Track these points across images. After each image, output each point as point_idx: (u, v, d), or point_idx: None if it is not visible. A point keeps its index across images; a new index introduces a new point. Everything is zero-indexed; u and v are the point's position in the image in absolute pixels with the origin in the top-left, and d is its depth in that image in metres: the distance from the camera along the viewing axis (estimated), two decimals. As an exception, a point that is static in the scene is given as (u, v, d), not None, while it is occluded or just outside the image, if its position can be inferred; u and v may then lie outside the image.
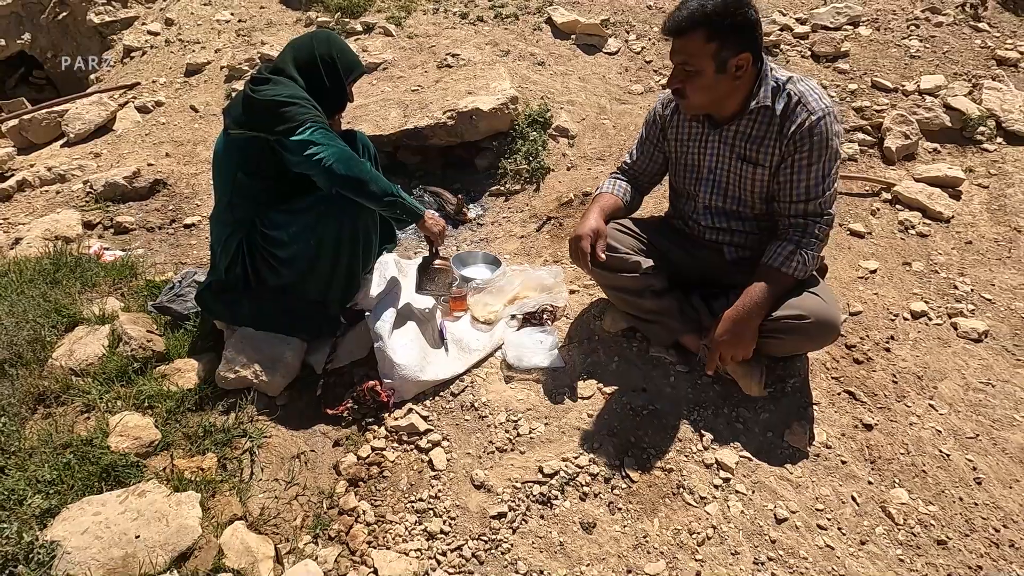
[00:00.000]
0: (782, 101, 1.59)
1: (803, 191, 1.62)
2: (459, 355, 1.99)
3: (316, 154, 1.70)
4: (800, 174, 1.60)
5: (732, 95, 1.60)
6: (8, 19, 4.62)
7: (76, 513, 1.47)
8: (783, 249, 1.63)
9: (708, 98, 1.59)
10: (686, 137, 1.79)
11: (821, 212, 1.63)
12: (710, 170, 1.76)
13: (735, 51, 1.51)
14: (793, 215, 1.65)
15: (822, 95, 1.60)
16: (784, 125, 1.59)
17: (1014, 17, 3.90)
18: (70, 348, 1.96)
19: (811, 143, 1.57)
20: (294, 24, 4.37)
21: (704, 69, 1.52)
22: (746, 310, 1.61)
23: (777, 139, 1.60)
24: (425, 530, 1.51)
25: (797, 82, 1.60)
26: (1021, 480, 1.59)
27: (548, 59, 3.72)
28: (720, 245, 1.83)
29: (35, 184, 3.21)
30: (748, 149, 1.65)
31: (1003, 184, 2.70)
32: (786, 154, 1.60)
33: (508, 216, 2.85)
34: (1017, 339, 1.99)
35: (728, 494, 1.57)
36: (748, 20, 1.50)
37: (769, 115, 1.60)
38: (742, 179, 1.70)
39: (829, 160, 1.59)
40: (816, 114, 1.56)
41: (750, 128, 1.64)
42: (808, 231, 1.63)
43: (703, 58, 1.51)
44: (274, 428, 1.79)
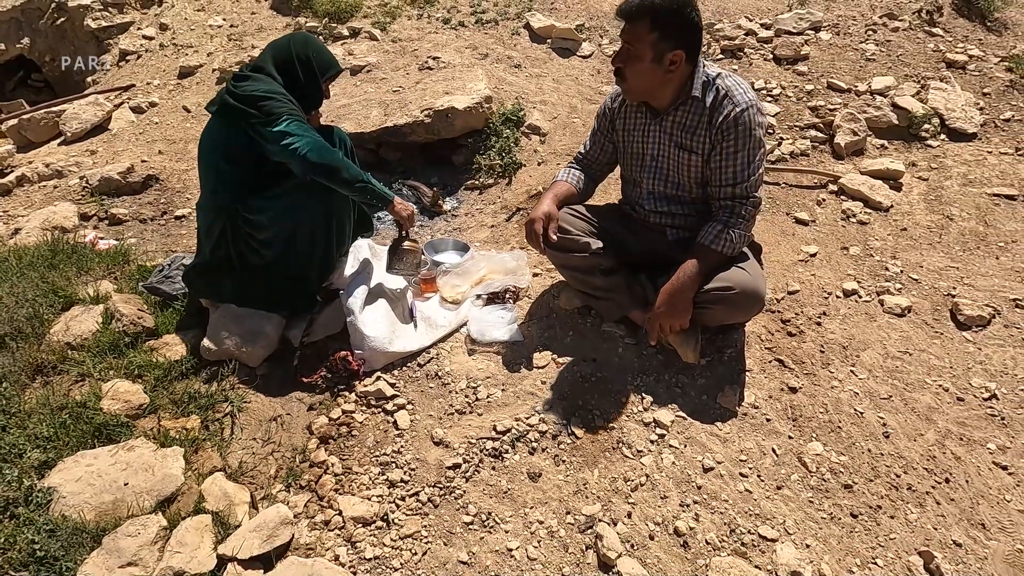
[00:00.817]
0: (711, 94, 1.77)
1: (731, 176, 1.79)
2: (427, 330, 2.15)
3: (292, 144, 1.86)
4: (727, 160, 1.78)
5: (665, 86, 1.77)
6: (8, 24, 4.79)
7: (71, 465, 1.63)
8: (713, 229, 1.81)
9: (642, 84, 1.77)
10: (632, 127, 1.97)
11: (747, 195, 1.81)
12: (652, 157, 1.93)
13: (672, 46, 1.68)
14: (722, 198, 1.83)
15: (747, 89, 1.78)
16: (713, 116, 1.76)
17: (968, 22, 4.11)
18: (66, 325, 2.12)
19: (736, 132, 1.74)
20: (283, 28, 4.55)
21: (643, 55, 1.70)
22: (680, 284, 1.78)
23: (707, 129, 1.78)
24: (387, 480, 1.67)
25: (725, 78, 1.79)
26: (925, 434, 1.77)
27: (524, 62, 3.91)
28: (663, 228, 2.01)
29: (33, 179, 3.37)
30: (683, 137, 1.83)
31: (942, 177, 2.89)
32: (715, 142, 1.78)
33: (481, 208, 3.03)
34: (937, 314, 2.17)
35: (662, 448, 1.74)
36: (690, 21, 1.69)
37: (700, 107, 1.78)
38: (679, 165, 1.88)
39: (753, 148, 1.77)
40: (740, 106, 1.74)
41: (684, 118, 1.82)
42: (736, 212, 1.81)
43: (644, 45, 1.69)
44: (253, 395, 1.95)
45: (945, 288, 2.27)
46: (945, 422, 1.80)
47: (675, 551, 1.50)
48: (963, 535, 1.53)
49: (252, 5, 4.85)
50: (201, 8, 4.86)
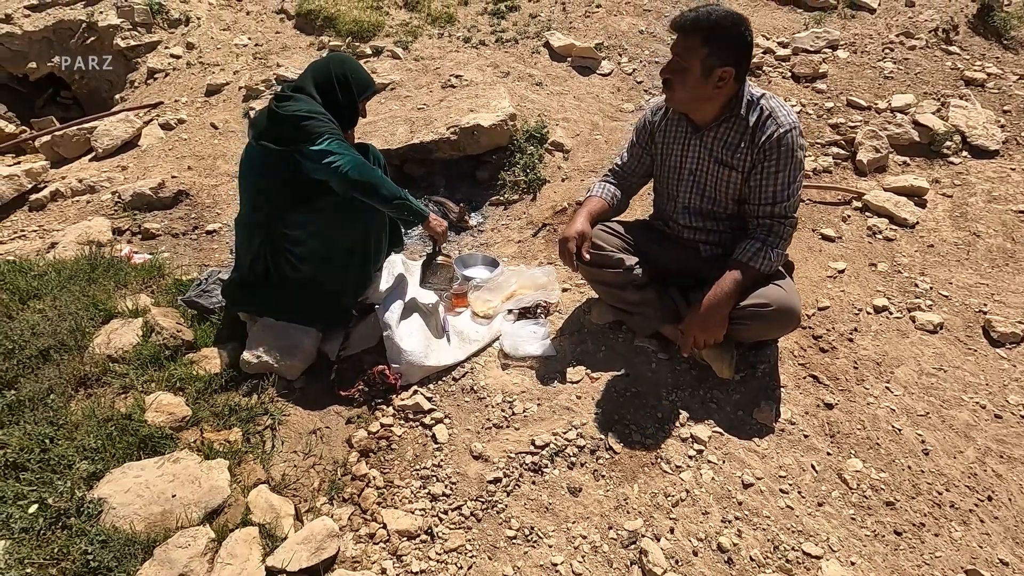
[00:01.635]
0: (755, 114, 1.80)
1: (770, 195, 1.82)
2: (460, 345, 2.18)
3: (334, 162, 1.91)
4: (768, 180, 1.81)
5: (710, 101, 1.80)
6: (40, 43, 4.92)
7: (119, 476, 1.66)
8: (751, 246, 1.83)
9: (688, 96, 1.79)
10: (672, 140, 1.99)
11: (785, 215, 1.83)
12: (690, 171, 1.96)
13: (722, 62, 1.71)
14: (761, 216, 1.85)
15: (789, 111, 1.81)
16: (756, 135, 1.79)
17: (984, 41, 4.15)
18: (107, 338, 2.16)
19: (779, 152, 1.77)
20: (307, 48, 4.65)
21: (692, 68, 1.73)
22: (717, 299, 1.80)
23: (749, 147, 1.81)
24: (429, 493, 1.69)
25: (769, 99, 1.82)
26: (964, 451, 1.77)
27: (545, 80, 3.97)
28: (696, 243, 2.04)
29: (67, 195, 3.44)
30: (724, 153, 1.86)
31: (966, 193, 2.91)
32: (756, 161, 1.81)
33: (507, 223, 3.06)
34: (969, 331, 2.18)
35: (701, 463, 1.75)
36: (742, 40, 1.73)
37: (743, 125, 1.81)
38: (718, 180, 1.90)
39: (794, 169, 1.80)
40: (784, 127, 1.77)
41: (726, 135, 1.85)
42: (774, 231, 1.83)
43: (694, 58, 1.72)
44: (292, 408, 1.98)
45: (976, 305, 2.28)
46: (984, 439, 1.80)
47: (719, 567, 1.50)
48: (1009, 553, 1.53)
49: (276, 24, 4.96)
50: (226, 28, 4.97)
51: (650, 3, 4.68)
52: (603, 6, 4.69)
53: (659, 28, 4.44)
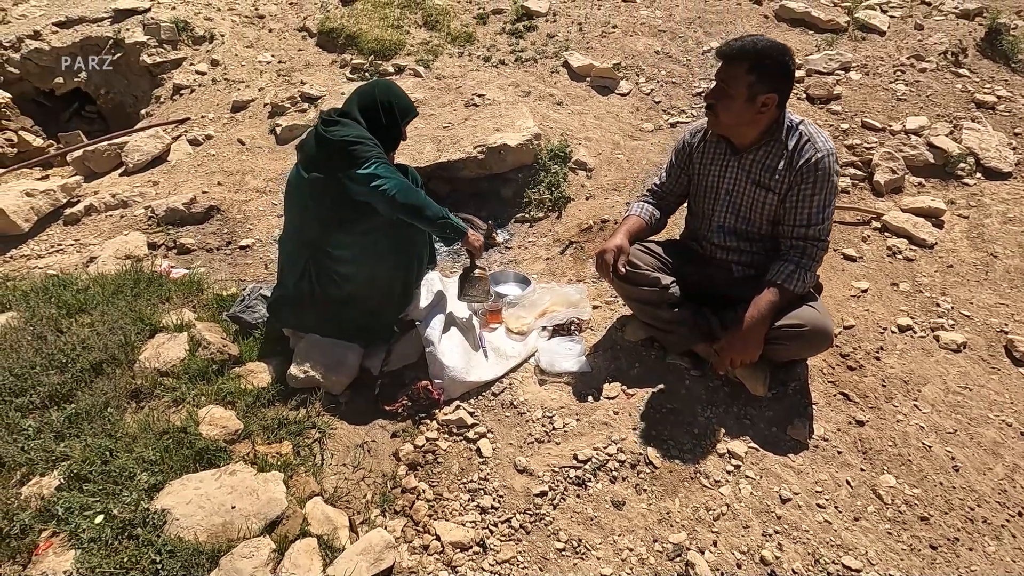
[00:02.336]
0: (794, 138, 1.88)
1: (805, 218, 1.89)
2: (498, 361, 2.24)
3: (381, 185, 1.99)
4: (804, 203, 1.88)
5: (752, 125, 1.88)
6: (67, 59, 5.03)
7: (179, 488, 1.72)
8: (785, 268, 1.90)
9: (732, 120, 1.87)
10: (710, 161, 2.07)
11: (819, 237, 1.90)
12: (727, 192, 2.03)
13: (766, 89, 1.79)
14: (795, 238, 1.92)
15: (827, 138, 1.89)
16: (794, 159, 1.87)
17: (992, 64, 4.26)
18: (156, 351, 2.23)
19: (815, 176, 1.84)
20: (330, 65, 4.76)
21: (738, 94, 1.81)
22: (753, 320, 1.87)
23: (787, 170, 1.88)
24: (478, 506, 1.75)
25: (808, 125, 1.90)
26: (994, 468, 1.83)
27: (566, 99, 4.07)
28: (728, 263, 2.11)
29: (100, 209, 3.52)
30: (762, 175, 1.93)
31: (981, 215, 2.99)
32: (793, 184, 1.88)
33: (533, 240, 3.14)
34: (992, 350, 2.25)
35: (739, 478, 1.81)
36: (786, 68, 1.81)
37: (782, 149, 1.89)
38: (754, 201, 1.98)
39: (829, 193, 1.87)
40: (821, 152, 1.84)
41: (765, 158, 1.92)
42: (807, 253, 1.90)
43: (739, 85, 1.80)
44: (338, 422, 2.04)
45: (997, 325, 2.35)
46: (1012, 456, 1.86)
47: (763, 580, 1.56)
48: (1041, 568, 1.58)
49: (299, 42, 5.07)
50: (250, 45, 5.09)
51: (665, 24, 4.80)
52: (619, 27, 4.80)
53: (674, 49, 4.55)
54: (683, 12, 4.95)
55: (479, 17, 5.09)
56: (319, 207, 2.13)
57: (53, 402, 1.98)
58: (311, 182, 2.11)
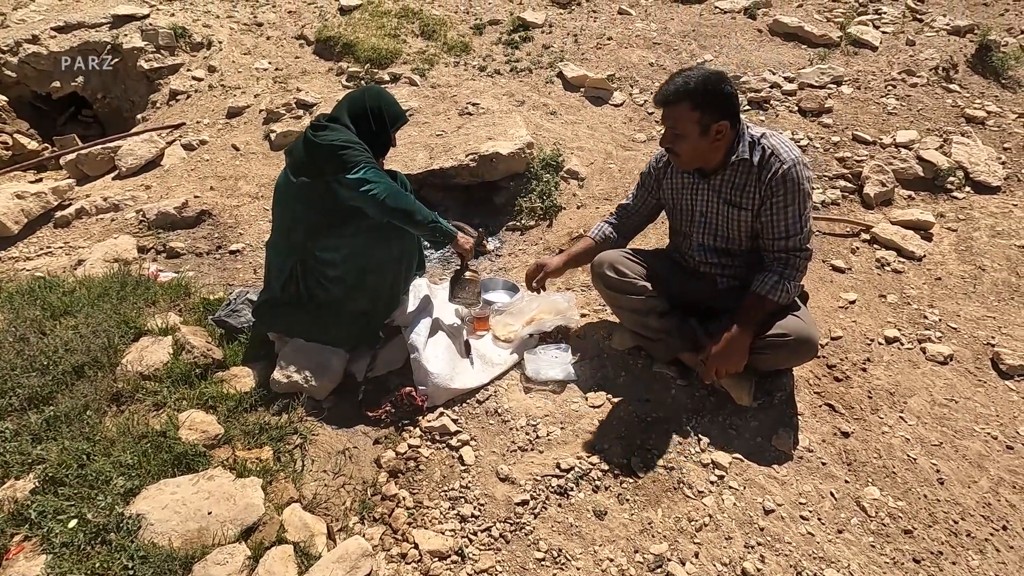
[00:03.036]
0: (758, 154, 1.87)
1: (783, 229, 1.89)
2: (483, 368, 2.23)
3: (370, 190, 1.99)
4: (779, 215, 1.88)
5: (714, 152, 1.89)
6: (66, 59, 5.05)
7: (155, 492, 1.70)
8: (769, 279, 1.90)
9: (694, 156, 1.89)
10: (680, 187, 2.08)
11: (800, 247, 1.90)
12: (702, 214, 2.04)
13: (715, 118, 1.81)
14: (776, 251, 1.92)
15: (791, 147, 1.89)
16: (762, 174, 1.87)
17: (982, 79, 4.30)
18: (139, 355, 2.21)
19: (785, 188, 1.84)
20: (326, 73, 4.78)
21: (690, 133, 1.83)
22: (737, 331, 1.87)
23: (756, 186, 1.88)
24: (458, 514, 1.73)
25: (769, 137, 1.90)
26: (978, 481, 1.82)
27: (559, 109, 4.09)
28: (713, 276, 2.11)
29: (91, 212, 3.51)
30: (733, 195, 1.94)
31: (970, 228, 3.00)
32: (765, 198, 1.88)
33: (524, 248, 3.14)
34: (979, 363, 2.24)
35: (722, 489, 1.79)
36: (725, 94, 1.81)
37: (748, 165, 1.89)
38: (729, 221, 1.98)
39: (802, 202, 1.87)
40: (787, 163, 1.84)
41: (733, 177, 1.92)
42: (790, 263, 1.90)
43: (689, 124, 1.82)
44: (321, 427, 2.02)
45: (984, 337, 2.35)
46: (997, 470, 1.85)
47: (744, 592, 1.54)
48: (1025, 583, 1.57)
49: (296, 50, 5.10)
50: (247, 52, 5.11)
51: (660, 37, 4.84)
52: (614, 39, 4.85)
53: (669, 61, 4.59)
54: (678, 25, 5.00)
55: (476, 28, 5.13)
56: (307, 211, 2.12)
57: (32, 405, 1.96)
58: (299, 186, 2.11)
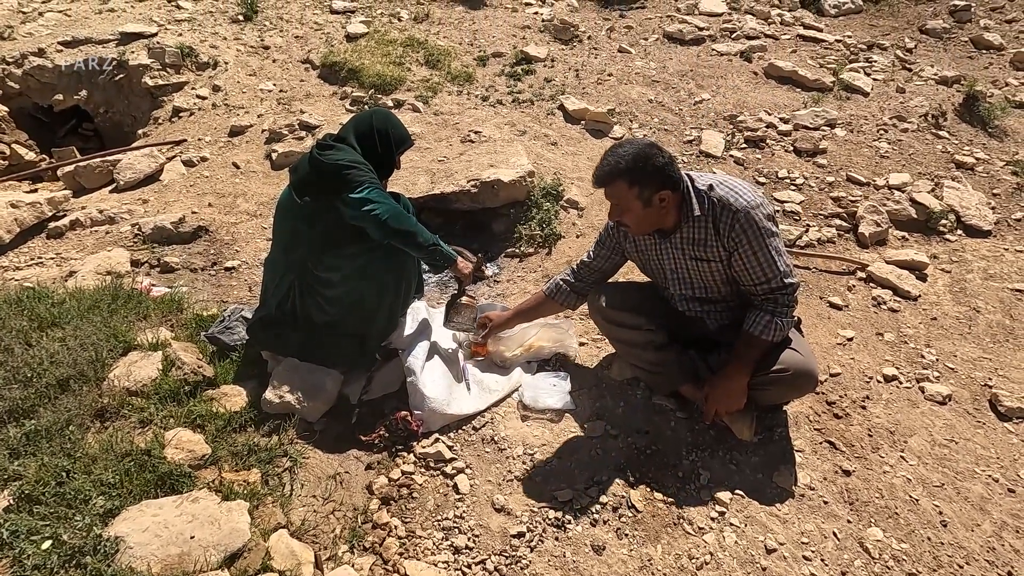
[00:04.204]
0: (708, 206, 1.82)
1: (760, 275, 1.82)
2: (480, 394, 2.19)
3: (373, 210, 1.98)
4: (751, 263, 1.81)
5: (665, 217, 1.85)
6: (69, 77, 5.06)
7: (136, 514, 1.62)
8: (761, 319, 1.83)
9: (645, 225, 1.86)
10: (644, 248, 2.03)
11: (783, 287, 1.82)
12: (672, 271, 1.99)
13: (655, 189, 1.78)
14: (761, 295, 1.85)
15: (743, 191, 1.80)
16: (718, 227, 1.81)
17: (970, 127, 4.44)
18: (127, 370, 2.15)
19: (746, 236, 1.78)
20: (331, 96, 4.84)
21: (633, 208, 1.80)
22: (734, 371, 1.85)
23: (716, 238, 1.83)
24: (452, 545, 1.67)
25: (718, 186, 1.82)
26: (982, 525, 1.79)
27: (560, 140, 4.15)
28: (701, 319, 2.07)
29: (86, 224, 3.48)
30: (696, 251, 1.89)
31: (963, 270, 3.04)
32: (730, 249, 1.82)
33: (522, 275, 3.13)
34: (977, 403, 2.24)
35: (723, 526, 1.75)
36: (658, 167, 1.77)
37: (704, 220, 1.83)
38: (700, 274, 1.94)
39: (768, 242, 1.79)
40: (740, 211, 1.77)
41: (691, 233, 1.87)
42: (779, 303, 1.83)
43: (630, 200, 1.79)
44: (312, 451, 1.96)
45: (981, 378, 2.35)
46: (999, 513, 1.83)
47: (747, 635, 1.48)
48: (1032, 632, 1.53)
49: (301, 73, 5.16)
50: (253, 73, 5.17)
51: (659, 75, 4.97)
52: (614, 75, 4.96)
53: (667, 98, 4.69)
54: (676, 65, 5.14)
55: (479, 59, 5.24)
56: (309, 229, 2.11)
57: (12, 417, 1.89)
58: (303, 204, 2.10)
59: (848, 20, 6.38)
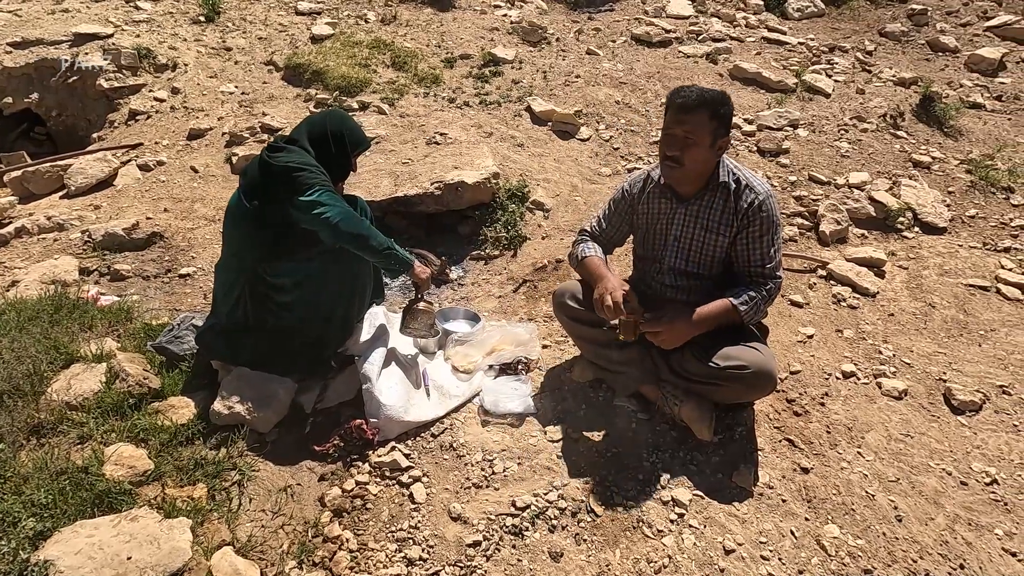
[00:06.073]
0: (733, 183, 1.91)
1: (759, 257, 1.91)
2: (440, 400, 2.15)
3: (323, 213, 1.93)
4: (754, 244, 1.90)
5: (707, 171, 1.91)
6: (19, 80, 4.87)
7: (69, 535, 1.54)
8: (745, 292, 1.88)
9: (698, 168, 1.88)
10: (656, 211, 2.06)
11: (774, 275, 1.91)
12: (676, 238, 2.02)
13: (724, 134, 1.85)
14: (753, 275, 1.93)
15: (762, 180, 1.94)
16: (737, 203, 1.90)
17: (927, 128, 4.54)
18: (67, 383, 2.05)
19: (760, 219, 1.88)
20: (294, 99, 4.74)
21: (702, 142, 1.82)
22: (693, 319, 1.85)
23: (733, 214, 1.91)
24: (405, 557, 1.62)
25: (740, 169, 1.95)
26: (935, 518, 1.80)
27: (527, 142, 4.13)
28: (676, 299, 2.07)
29: (33, 231, 3.34)
30: (710, 220, 1.94)
31: (920, 267, 3.09)
32: (740, 227, 1.90)
33: (487, 278, 3.10)
34: (932, 398, 2.27)
35: (682, 528, 1.73)
36: (731, 113, 1.87)
37: (725, 192, 1.91)
38: (704, 245, 1.98)
39: (775, 232, 1.91)
40: (761, 195, 1.89)
41: (712, 201, 1.94)
42: (767, 288, 1.90)
43: (704, 133, 1.81)
44: (262, 463, 1.89)
45: (936, 373, 2.39)
46: (952, 507, 1.84)
47: (704, 639, 1.46)
48: (984, 624, 1.54)
49: (264, 75, 5.05)
50: (214, 75, 5.04)
51: (626, 77, 4.98)
52: (582, 77, 4.96)
53: (634, 100, 4.71)
54: (643, 67, 5.16)
55: (447, 61, 5.20)
56: (260, 233, 2.04)
57: (-62, 437, 1.79)
58: (253, 208, 2.03)
59: (811, 23, 6.50)
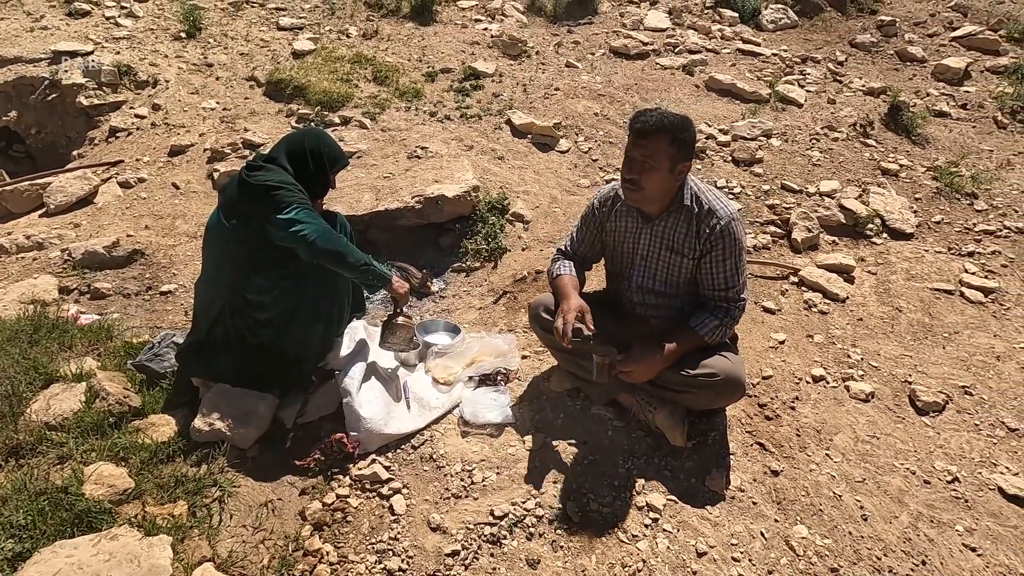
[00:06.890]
0: (697, 205, 1.95)
1: (722, 281, 1.94)
2: (420, 412, 2.18)
3: (300, 231, 1.96)
4: (718, 267, 1.94)
5: (667, 194, 1.95)
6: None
7: (48, 556, 1.55)
8: (709, 321, 1.94)
9: (657, 192, 1.92)
10: (623, 229, 2.11)
11: (738, 297, 1.95)
12: (642, 257, 2.07)
13: (683, 159, 1.88)
14: (717, 299, 1.97)
15: (727, 202, 1.97)
16: (701, 227, 1.93)
17: (895, 136, 4.68)
18: (46, 403, 2.06)
19: (724, 243, 1.90)
20: (276, 114, 4.77)
21: (661, 167, 1.86)
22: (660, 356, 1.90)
23: (696, 237, 1.94)
24: (385, 568, 1.64)
25: (705, 191, 1.97)
26: (899, 516, 1.87)
27: (507, 154, 4.20)
28: (647, 317, 2.14)
29: (11, 251, 3.33)
30: (674, 241, 1.99)
31: (888, 272, 3.19)
32: (704, 251, 1.94)
33: (468, 290, 3.14)
34: (898, 399, 2.35)
35: (656, 532, 1.78)
36: (693, 138, 1.91)
37: (690, 215, 1.94)
38: (670, 266, 2.02)
39: (739, 255, 1.94)
40: (723, 220, 1.91)
41: (676, 224, 1.97)
42: (729, 312, 1.95)
43: (662, 157, 1.85)
44: (243, 479, 1.91)
45: (902, 375, 2.47)
46: (916, 504, 1.91)
47: (676, 640, 1.51)
48: (944, 618, 1.60)
49: (246, 91, 5.08)
50: (195, 91, 5.06)
51: (604, 89, 5.08)
52: (561, 89, 5.05)
53: (612, 111, 4.80)
54: (621, 79, 5.27)
55: (428, 75, 5.26)
56: (239, 251, 2.07)
57: (-85, 461, 1.79)
58: (232, 226, 2.06)
59: (784, 35, 6.67)
